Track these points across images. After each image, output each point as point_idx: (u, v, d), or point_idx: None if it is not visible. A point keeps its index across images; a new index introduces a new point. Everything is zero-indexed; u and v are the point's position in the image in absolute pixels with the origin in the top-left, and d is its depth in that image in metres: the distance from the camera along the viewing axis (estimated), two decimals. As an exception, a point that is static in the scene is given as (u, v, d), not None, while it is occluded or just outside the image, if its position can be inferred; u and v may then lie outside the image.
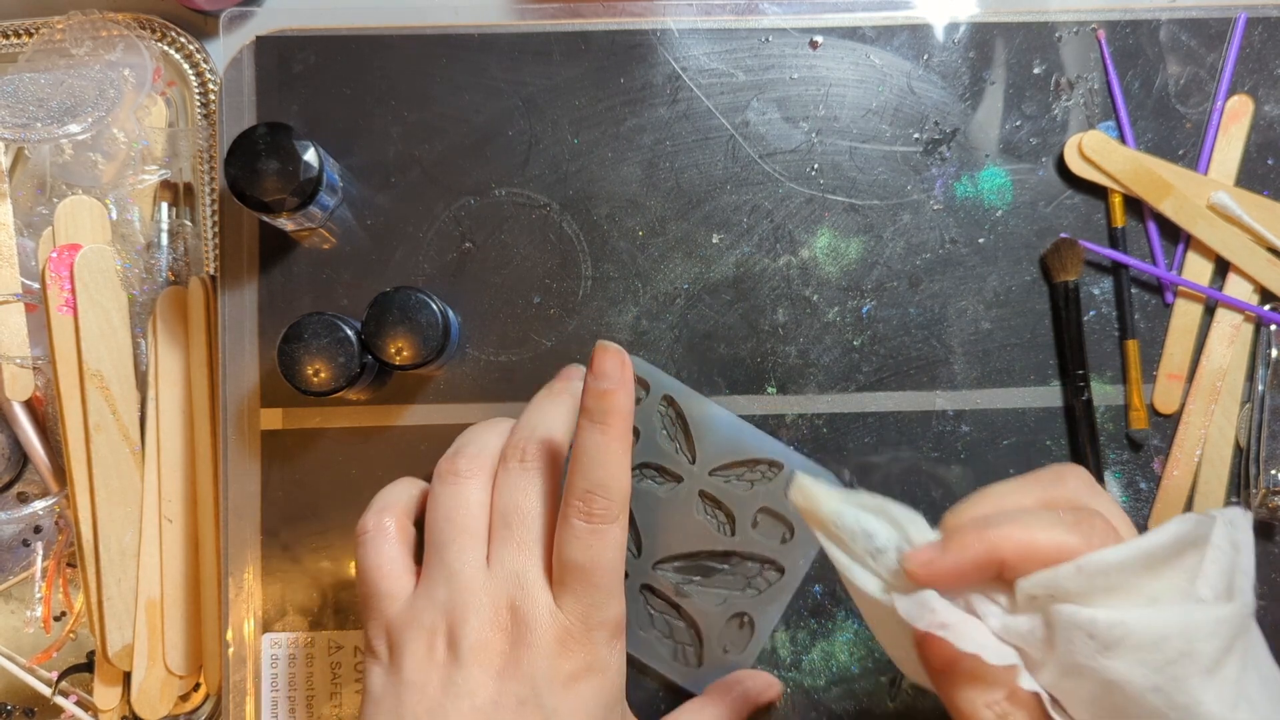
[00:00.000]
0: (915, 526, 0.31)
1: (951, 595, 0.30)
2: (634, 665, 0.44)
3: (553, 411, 0.40)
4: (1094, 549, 0.28)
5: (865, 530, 0.31)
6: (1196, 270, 0.46)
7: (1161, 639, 0.27)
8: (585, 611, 0.34)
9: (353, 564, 0.46)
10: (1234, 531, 0.29)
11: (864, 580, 0.31)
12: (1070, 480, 0.31)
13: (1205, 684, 0.27)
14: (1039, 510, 0.30)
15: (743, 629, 0.44)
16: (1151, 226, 0.46)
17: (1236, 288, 0.46)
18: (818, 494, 0.32)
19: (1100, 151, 0.45)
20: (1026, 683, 0.28)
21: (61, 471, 0.49)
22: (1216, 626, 0.27)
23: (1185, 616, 0.27)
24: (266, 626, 0.46)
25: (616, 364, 0.35)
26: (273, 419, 0.46)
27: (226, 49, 0.47)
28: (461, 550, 0.36)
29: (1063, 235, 0.46)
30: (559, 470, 0.38)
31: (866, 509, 0.31)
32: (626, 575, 0.44)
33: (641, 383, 0.45)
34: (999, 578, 0.29)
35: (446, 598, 0.35)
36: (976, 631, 0.29)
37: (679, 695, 0.44)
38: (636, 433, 0.45)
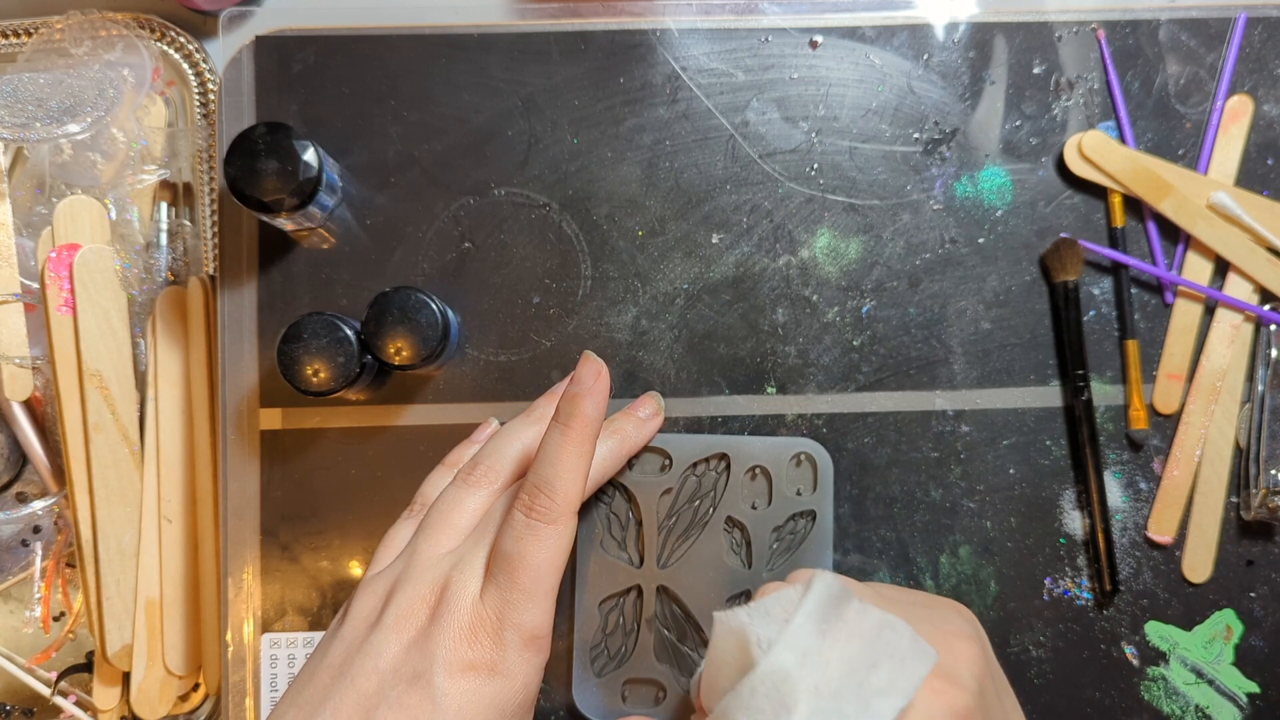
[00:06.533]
0: None
1: None
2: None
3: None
4: None
5: None
6: (1196, 270, 0.46)
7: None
8: (502, 607, 0.34)
9: (351, 563, 0.46)
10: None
11: None
12: None
13: None
14: None
15: None
16: (1151, 226, 0.46)
17: (1236, 288, 0.46)
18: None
19: (1100, 151, 0.45)
20: None
21: (61, 471, 0.49)
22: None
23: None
24: (266, 626, 0.46)
25: (592, 373, 0.36)
26: (272, 419, 0.46)
27: (226, 49, 0.47)
28: (436, 538, 0.38)
29: (1063, 235, 0.46)
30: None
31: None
32: (623, 604, 0.44)
33: (662, 453, 0.45)
34: None
35: (400, 570, 0.37)
36: None
37: None
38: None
